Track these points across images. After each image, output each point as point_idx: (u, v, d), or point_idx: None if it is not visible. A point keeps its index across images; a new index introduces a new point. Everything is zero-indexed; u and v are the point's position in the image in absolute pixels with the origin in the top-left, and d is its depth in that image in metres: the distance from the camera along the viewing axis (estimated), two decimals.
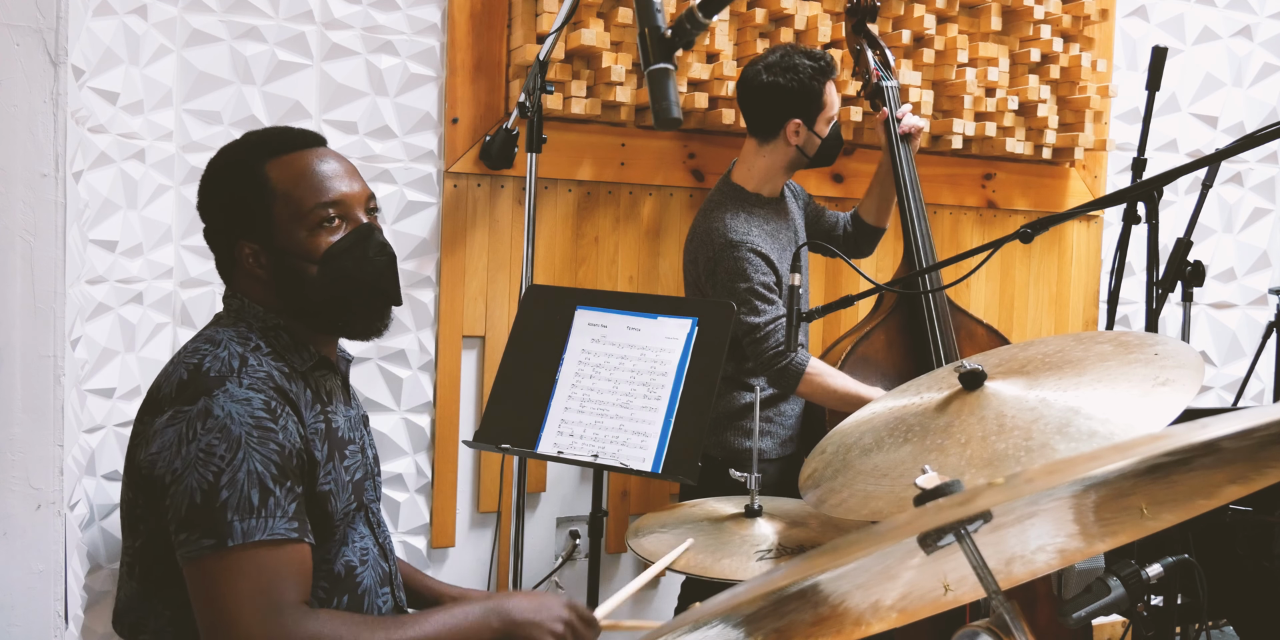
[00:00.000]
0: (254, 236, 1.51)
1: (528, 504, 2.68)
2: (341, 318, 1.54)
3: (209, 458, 1.35)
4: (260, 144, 1.54)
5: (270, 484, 1.37)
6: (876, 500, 1.44)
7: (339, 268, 1.50)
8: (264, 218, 1.49)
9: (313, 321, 1.55)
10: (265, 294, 1.54)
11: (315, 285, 1.50)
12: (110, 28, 2.02)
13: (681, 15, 1.81)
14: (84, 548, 1.88)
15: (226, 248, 1.55)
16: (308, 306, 1.52)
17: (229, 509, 1.34)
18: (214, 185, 1.55)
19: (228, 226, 1.54)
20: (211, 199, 1.55)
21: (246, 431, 1.37)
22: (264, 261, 1.51)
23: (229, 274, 1.57)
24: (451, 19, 2.53)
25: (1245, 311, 3.57)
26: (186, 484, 1.36)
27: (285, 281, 1.51)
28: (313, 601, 1.47)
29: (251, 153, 1.53)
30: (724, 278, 2.36)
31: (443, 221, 2.56)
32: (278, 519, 1.36)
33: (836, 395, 2.34)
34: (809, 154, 2.47)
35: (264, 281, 1.53)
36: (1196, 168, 1.55)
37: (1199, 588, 1.81)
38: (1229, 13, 3.47)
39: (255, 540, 1.34)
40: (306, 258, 1.49)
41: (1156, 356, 1.44)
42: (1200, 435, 0.73)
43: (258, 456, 1.37)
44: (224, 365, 1.43)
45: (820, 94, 2.41)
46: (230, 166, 1.54)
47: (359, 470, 1.57)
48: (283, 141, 1.54)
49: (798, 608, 0.92)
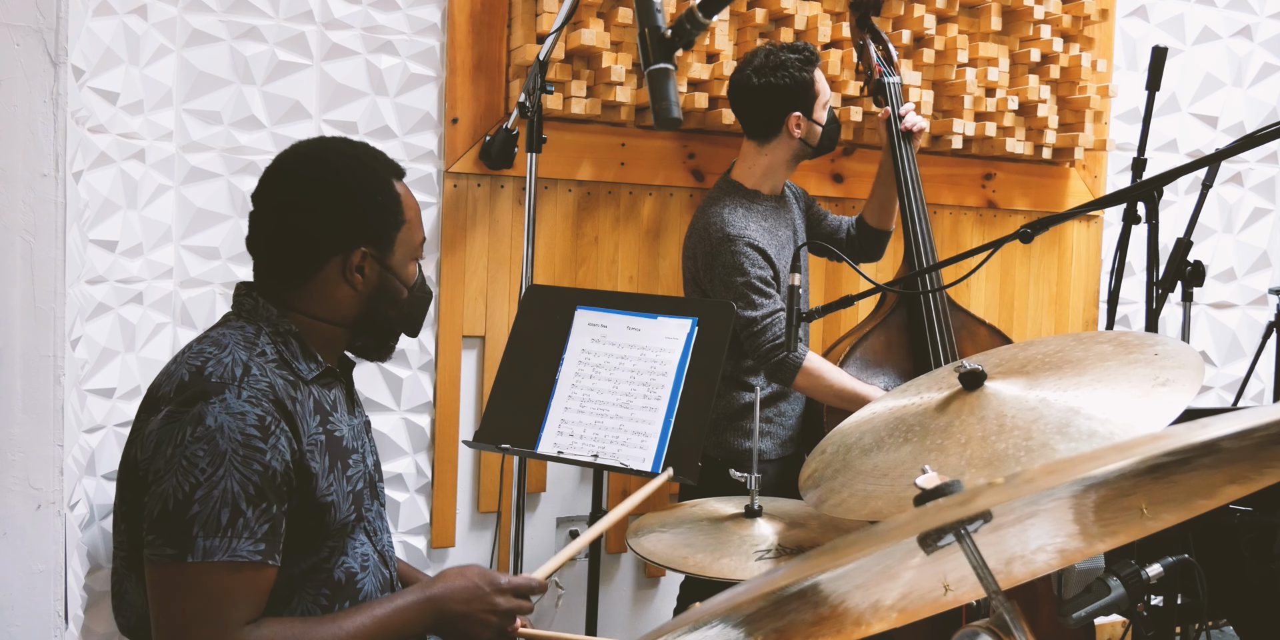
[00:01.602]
0: (375, 245, 1.54)
1: (528, 504, 2.68)
2: (390, 341, 1.65)
3: (191, 468, 1.36)
4: (384, 161, 1.59)
5: (243, 505, 1.36)
6: (876, 500, 1.44)
7: (418, 298, 1.64)
8: (390, 234, 1.56)
9: (365, 340, 1.62)
10: (348, 303, 1.56)
11: (402, 308, 1.60)
12: (110, 28, 2.02)
13: (681, 15, 1.81)
14: (84, 548, 1.88)
15: (331, 248, 1.52)
16: (383, 325, 1.61)
17: (195, 523, 1.34)
18: (341, 188, 1.52)
19: (349, 230, 1.52)
20: (334, 199, 1.51)
21: (233, 448, 1.37)
22: (368, 273, 1.54)
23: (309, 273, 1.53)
24: (451, 19, 2.53)
25: (1245, 311, 3.57)
26: (164, 488, 1.36)
27: (381, 298, 1.58)
28: (315, 610, 1.48)
29: (381, 167, 1.57)
30: (721, 272, 2.37)
31: (443, 221, 2.56)
32: (243, 540, 1.35)
33: (833, 390, 2.36)
34: (812, 143, 2.48)
35: (357, 291, 1.55)
36: (1196, 168, 1.55)
37: (1199, 588, 1.81)
38: (1229, 13, 3.47)
39: (214, 560, 1.34)
40: (404, 282, 1.59)
41: (1156, 356, 1.44)
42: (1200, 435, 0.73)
43: (238, 475, 1.36)
44: (226, 371, 1.42)
45: (812, 83, 2.44)
46: (368, 175, 1.54)
47: (360, 480, 1.57)
48: (396, 167, 1.61)
49: (798, 608, 0.92)
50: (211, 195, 2.33)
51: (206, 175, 2.32)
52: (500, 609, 1.50)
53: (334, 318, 1.55)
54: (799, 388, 2.38)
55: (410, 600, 1.47)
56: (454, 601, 1.48)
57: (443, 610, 1.48)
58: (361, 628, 1.42)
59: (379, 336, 1.63)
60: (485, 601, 1.50)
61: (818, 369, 2.35)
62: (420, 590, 1.50)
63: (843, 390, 2.35)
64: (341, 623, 1.42)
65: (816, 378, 2.35)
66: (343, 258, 1.52)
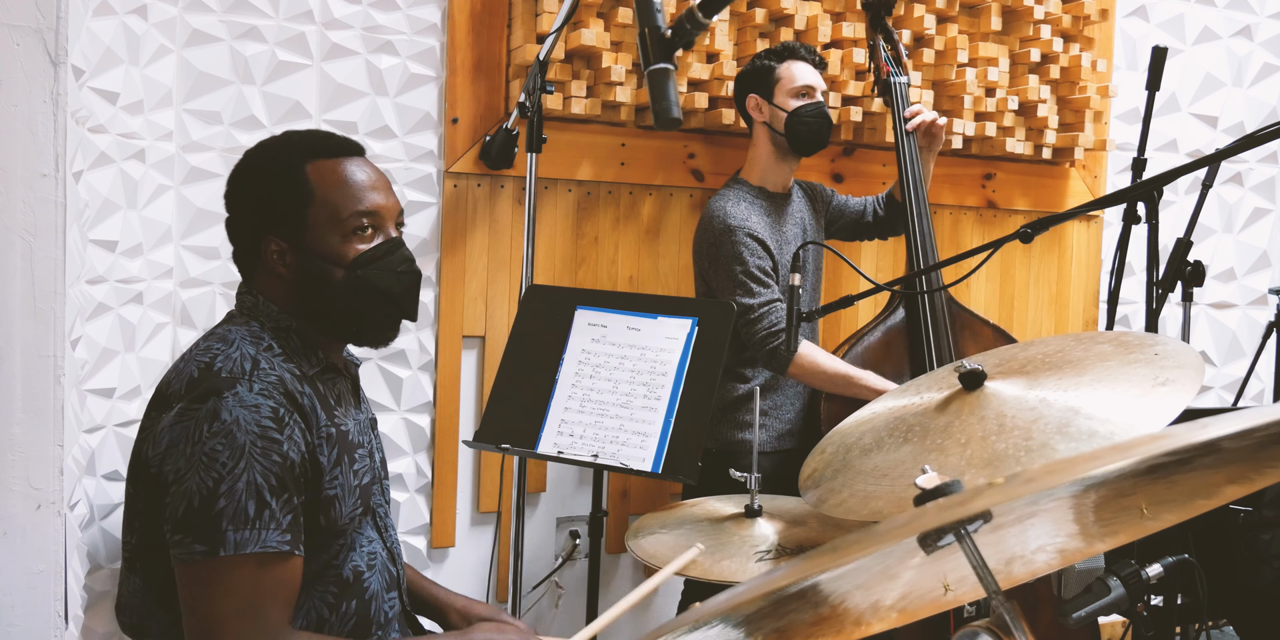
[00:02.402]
0: (283, 234, 1.51)
1: (528, 504, 2.68)
2: (355, 325, 1.56)
3: (211, 463, 1.36)
4: (303, 144, 1.55)
5: (268, 496, 1.37)
6: (876, 500, 1.44)
7: (365, 276, 1.52)
8: (297, 217, 1.50)
9: (325, 325, 1.55)
10: (284, 292, 1.54)
11: (338, 290, 1.51)
12: (110, 28, 2.02)
13: (681, 15, 1.81)
14: (84, 548, 1.87)
15: (251, 241, 1.54)
16: (326, 310, 1.53)
17: (224, 518, 1.34)
18: (249, 178, 1.55)
19: (257, 220, 1.53)
20: (244, 191, 1.55)
21: (251, 440, 1.37)
22: (289, 260, 1.52)
23: (250, 268, 1.57)
24: (451, 19, 2.53)
25: (1245, 311, 3.57)
26: (186, 486, 1.36)
27: (308, 283, 1.52)
28: (322, 608, 1.48)
29: (294, 151, 1.54)
30: (723, 262, 2.43)
31: (443, 221, 2.56)
32: (271, 531, 1.36)
33: (826, 375, 2.40)
34: (779, 129, 2.51)
35: (285, 280, 1.53)
36: (1196, 168, 1.55)
37: (1199, 588, 1.81)
38: (1229, 13, 3.47)
39: (246, 552, 1.34)
40: (334, 262, 1.51)
41: (1156, 356, 1.44)
42: (1200, 435, 0.73)
43: (259, 467, 1.37)
44: (236, 366, 1.43)
45: (772, 70, 2.51)
46: (270, 162, 1.54)
47: (367, 474, 1.57)
48: (326, 145, 1.56)
49: (798, 608, 0.92)
50: (211, 195, 2.33)
51: (206, 175, 2.32)
52: None
53: (288, 307, 1.54)
54: (793, 375, 2.42)
55: None
56: None
57: None
58: None
59: (349, 323, 1.55)
60: None
61: (810, 355, 2.39)
62: (460, 635, 1.53)
63: (836, 374, 2.39)
64: None
65: (810, 363, 2.39)
66: (262, 251, 1.53)
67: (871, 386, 2.35)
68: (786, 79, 2.50)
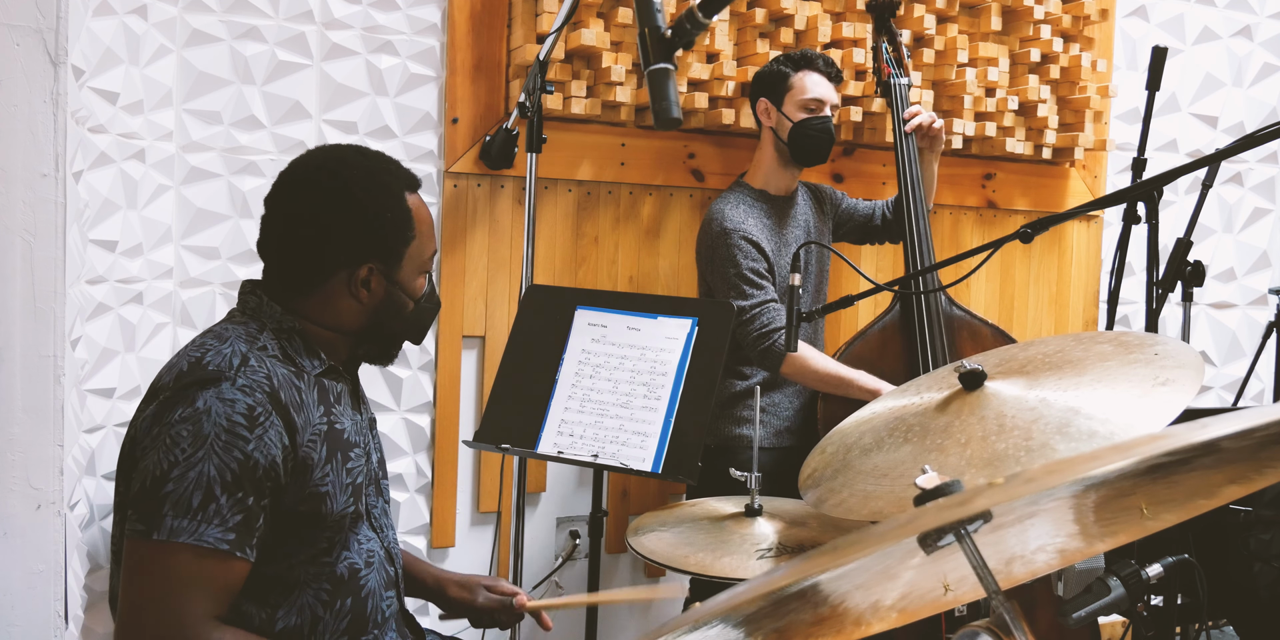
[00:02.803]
0: (383, 262, 1.54)
1: (528, 504, 2.68)
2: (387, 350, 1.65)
3: (172, 446, 1.37)
4: (400, 174, 1.56)
5: (217, 490, 1.36)
6: (876, 500, 1.44)
7: (425, 310, 1.63)
8: (399, 250, 1.54)
9: (369, 348, 1.62)
10: (352, 315, 1.56)
11: (406, 320, 1.60)
12: (110, 28, 2.02)
13: (681, 15, 1.81)
14: (84, 548, 1.88)
15: (337, 262, 1.52)
16: (385, 335, 1.61)
17: (167, 502, 1.35)
18: (349, 200, 1.50)
19: (356, 245, 1.51)
20: (342, 213, 1.50)
21: (216, 433, 1.37)
22: (374, 287, 1.54)
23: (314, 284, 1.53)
24: (451, 19, 2.53)
25: (1245, 311, 3.57)
26: (145, 464, 1.38)
27: (385, 311, 1.57)
28: (316, 606, 1.47)
29: (395, 182, 1.55)
30: (718, 264, 2.46)
31: (443, 221, 2.56)
32: (212, 526, 1.35)
33: (818, 375, 2.41)
34: (783, 137, 2.53)
35: (361, 304, 1.55)
36: (1196, 168, 1.55)
37: (1199, 588, 1.81)
38: (1229, 13, 3.47)
39: (179, 541, 1.34)
40: (410, 295, 1.59)
41: (1156, 356, 1.44)
42: (1200, 435, 0.73)
43: (216, 460, 1.36)
44: (224, 361, 1.43)
45: (786, 77, 2.52)
46: (376, 190, 1.52)
47: (361, 474, 1.56)
48: (412, 179, 1.59)
49: (798, 608, 0.92)
50: (211, 195, 2.33)
51: (206, 175, 2.32)
52: None
53: (338, 326, 1.56)
54: (787, 374, 2.45)
55: None
56: None
57: None
58: None
59: (383, 346, 1.64)
60: None
61: (803, 355, 2.41)
62: None
63: (828, 375, 2.40)
64: None
65: (802, 363, 2.41)
66: (349, 272, 1.52)
67: (865, 387, 2.36)
68: (798, 89, 2.51)
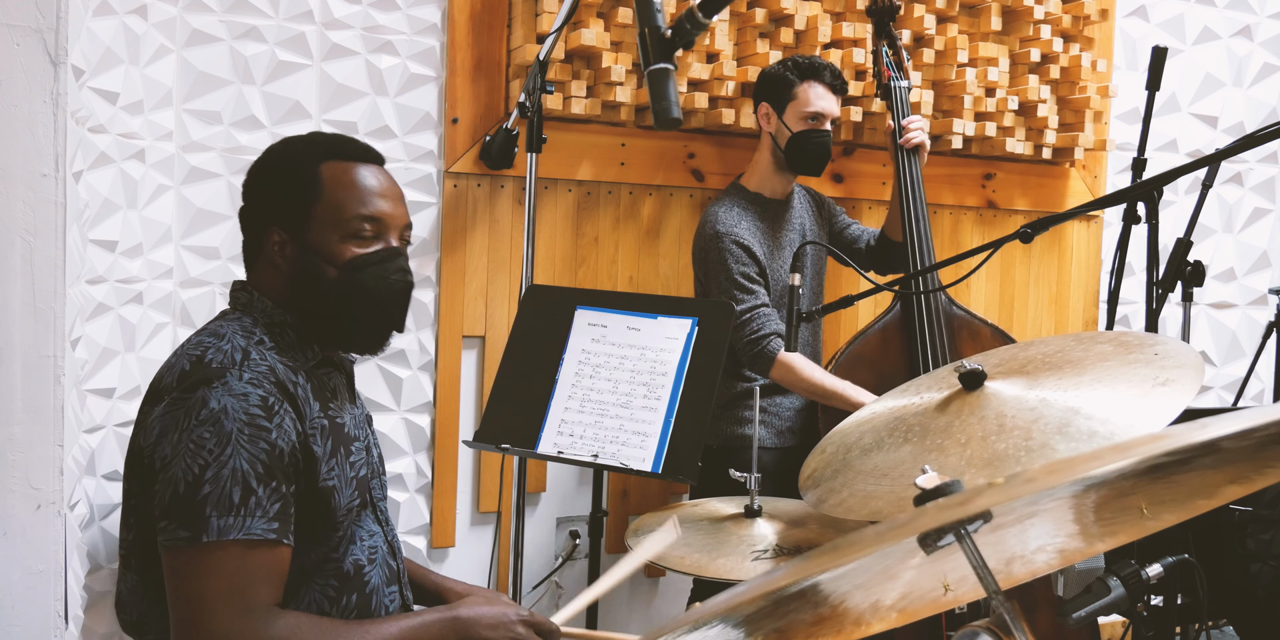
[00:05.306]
0: (287, 226, 1.54)
1: (528, 504, 2.68)
2: (343, 329, 1.56)
3: (198, 450, 1.37)
4: (324, 144, 1.59)
5: (254, 483, 1.37)
6: (876, 500, 1.44)
7: (357, 279, 1.52)
8: (302, 212, 1.53)
9: (316, 324, 1.56)
10: (280, 285, 1.55)
11: (329, 288, 1.52)
12: (110, 28, 2.02)
13: (681, 15, 1.81)
14: (84, 548, 1.87)
15: (257, 231, 1.57)
16: (316, 308, 1.54)
17: (208, 504, 1.35)
18: (265, 170, 1.59)
19: (265, 211, 1.56)
20: (258, 182, 1.59)
21: (238, 428, 1.38)
22: (288, 252, 1.54)
23: (253, 258, 1.59)
24: (451, 19, 2.53)
25: (1245, 311, 3.57)
26: (173, 473, 1.37)
27: (302, 277, 1.53)
28: (323, 602, 1.48)
29: (311, 149, 1.58)
30: (711, 267, 2.48)
31: (443, 221, 2.56)
32: (256, 518, 1.37)
33: (804, 384, 2.43)
34: (781, 145, 2.54)
35: (282, 272, 1.55)
36: (1196, 168, 1.55)
37: (1199, 588, 1.81)
38: (1229, 13, 3.47)
39: (230, 538, 1.35)
40: (329, 261, 1.52)
41: (1156, 356, 1.44)
42: (1200, 435, 0.73)
43: (245, 454, 1.37)
44: (226, 357, 1.44)
45: (791, 85, 2.52)
46: (288, 157, 1.57)
47: (363, 467, 1.57)
48: (345, 148, 1.59)
49: (798, 608, 0.92)
50: (211, 195, 2.33)
51: (206, 175, 2.32)
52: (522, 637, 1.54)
53: (280, 300, 1.56)
54: (776, 379, 2.46)
55: (437, 617, 1.50)
56: (480, 626, 1.51)
57: (468, 632, 1.50)
58: (387, 635, 1.43)
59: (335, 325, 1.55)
60: (509, 630, 1.53)
61: (792, 362, 2.41)
62: (448, 609, 1.53)
63: (816, 386, 2.41)
64: (369, 628, 1.43)
65: (792, 371, 2.42)
66: (264, 240, 1.55)
67: (851, 399, 2.36)
68: (802, 100, 2.51)
